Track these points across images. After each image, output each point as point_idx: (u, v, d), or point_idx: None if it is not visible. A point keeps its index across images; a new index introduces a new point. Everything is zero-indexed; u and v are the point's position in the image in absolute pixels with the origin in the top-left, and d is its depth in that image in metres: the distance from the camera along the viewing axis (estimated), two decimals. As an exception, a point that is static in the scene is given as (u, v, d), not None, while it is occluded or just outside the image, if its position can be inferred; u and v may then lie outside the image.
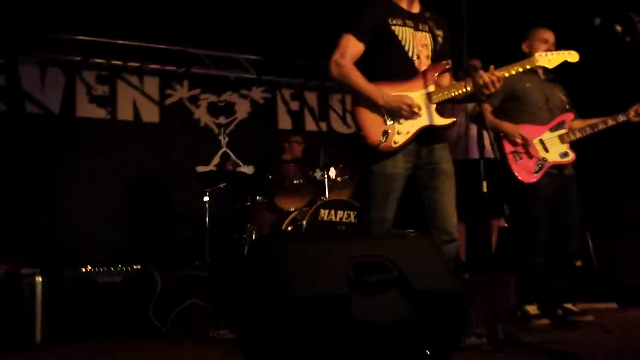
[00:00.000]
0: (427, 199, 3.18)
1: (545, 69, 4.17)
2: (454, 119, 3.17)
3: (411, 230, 3.22)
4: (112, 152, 6.62)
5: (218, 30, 6.62)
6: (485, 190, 2.81)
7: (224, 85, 7.39)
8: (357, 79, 3.13)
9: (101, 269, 4.46)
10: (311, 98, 7.85)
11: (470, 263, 5.20)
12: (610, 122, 4.14)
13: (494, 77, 3.13)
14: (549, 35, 4.20)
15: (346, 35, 3.18)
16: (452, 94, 3.15)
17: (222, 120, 7.38)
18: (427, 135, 3.16)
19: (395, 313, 2.09)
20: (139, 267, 4.61)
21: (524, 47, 4.19)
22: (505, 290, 4.62)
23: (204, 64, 7.13)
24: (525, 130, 4.09)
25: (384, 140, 3.08)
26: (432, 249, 2.25)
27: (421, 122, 3.14)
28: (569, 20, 5.03)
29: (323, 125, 7.91)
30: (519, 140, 4.04)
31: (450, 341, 2.21)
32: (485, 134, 2.96)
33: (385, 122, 3.12)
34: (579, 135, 4.15)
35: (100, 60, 6.69)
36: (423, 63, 3.21)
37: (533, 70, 4.13)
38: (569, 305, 4.15)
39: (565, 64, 3.53)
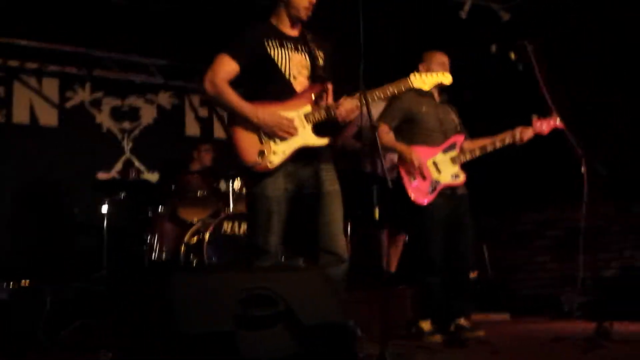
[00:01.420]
0: (313, 221, 3.18)
1: (440, 91, 4.30)
2: (329, 138, 3.20)
3: (301, 260, 3.22)
4: (5, 157, 6.30)
5: (124, 33, 6.41)
6: (376, 217, 2.84)
7: (128, 89, 7.17)
8: (231, 97, 3.12)
9: (-14, 286, 4.22)
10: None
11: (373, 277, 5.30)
12: (498, 144, 4.31)
13: (350, 106, 3.16)
14: (445, 58, 4.32)
15: (221, 55, 3.17)
16: (329, 115, 3.18)
17: (126, 125, 7.17)
18: (308, 156, 3.18)
19: (283, 349, 2.08)
20: (26, 282, 4.39)
21: (421, 69, 4.28)
22: (402, 303, 4.72)
23: (108, 66, 6.89)
24: (418, 151, 4.19)
25: (260, 160, 3.08)
26: (321, 281, 2.25)
27: (297, 141, 3.15)
28: (467, 46, 5.21)
29: (232, 133, 7.80)
30: (412, 161, 4.13)
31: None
32: (380, 159, 2.99)
33: (261, 141, 3.12)
34: (469, 157, 4.30)
35: (-4, 60, 6.35)
36: (301, 84, 3.24)
37: (429, 93, 4.25)
38: (461, 322, 4.27)
39: (455, 85, 3.64)
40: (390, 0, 5.41)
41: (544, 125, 4.33)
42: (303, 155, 3.15)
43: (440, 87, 4.20)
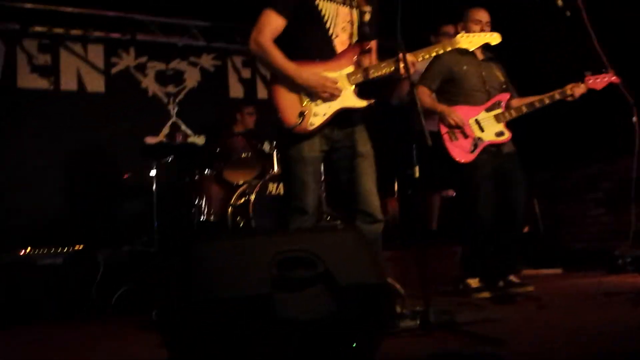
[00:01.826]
0: (345, 182, 3.16)
1: (483, 48, 4.16)
2: (372, 101, 3.11)
3: (338, 222, 3.19)
4: (55, 124, 6.44)
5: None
6: (417, 175, 2.79)
7: (172, 52, 7.21)
8: (276, 56, 3.03)
9: (41, 251, 4.36)
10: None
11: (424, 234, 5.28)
12: (547, 101, 4.17)
13: (412, 59, 3.06)
14: (483, 15, 4.19)
15: (266, 11, 3.07)
16: (372, 76, 3.09)
17: (171, 89, 7.23)
18: (344, 117, 3.11)
19: (321, 310, 2.07)
20: (80, 247, 4.53)
21: (459, 29, 4.18)
22: (449, 261, 4.68)
23: (151, 30, 6.94)
24: (460, 111, 4.12)
25: (299, 121, 3.01)
26: (358, 242, 2.23)
27: (338, 103, 3.08)
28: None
29: (276, 93, 7.76)
30: (452, 121, 4.05)
31: (376, 334, 2.21)
32: (420, 117, 2.91)
33: (301, 102, 3.05)
34: (515, 114, 4.18)
35: (42, 29, 6.46)
36: (343, 42, 3.14)
37: (470, 52, 4.13)
38: (511, 277, 4.22)
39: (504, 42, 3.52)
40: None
41: (598, 81, 4.16)
42: (339, 116, 3.09)
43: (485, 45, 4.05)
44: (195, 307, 1.97)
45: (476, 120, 4.14)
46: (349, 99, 3.08)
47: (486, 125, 4.14)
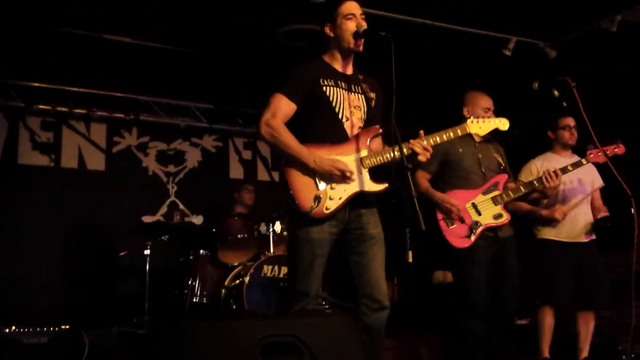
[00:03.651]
0: (354, 265, 3.09)
1: None
2: (386, 185, 3.10)
3: (326, 307, 3.11)
4: (54, 200, 6.46)
5: (168, 78, 6.56)
6: (410, 260, 2.73)
7: (174, 133, 7.29)
8: (289, 140, 3.03)
9: (27, 330, 4.24)
10: (264, 147, 7.76)
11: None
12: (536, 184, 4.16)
13: (425, 144, 3.08)
14: (488, 102, 4.22)
15: (277, 95, 3.09)
16: (385, 159, 3.09)
17: (172, 168, 7.27)
18: (356, 200, 3.08)
19: (305, 399, 1.98)
20: (67, 327, 4.40)
21: (465, 113, 4.20)
22: (434, 350, 4.55)
23: (154, 111, 7.03)
24: (456, 195, 4.08)
25: (315, 205, 2.98)
26: (347, 328, 2.15)
27: (354, 187, 3.06)
28: (508, 82, 5.11)
29: (276, 175, 7.80)
30: (449, 208, 4.02)
31: None
32: (413, 201, 2.88)
33: (317, 186, 3.03)
34: (512, 195, 4.14)
35: (46, 107, 6.54)
36: (355, 125, 3.15)
37: (467, 134, 4.15)
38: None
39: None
40: (430, 36, 5.37)
41: (600, 154, 4.20)
42: (353, 199, 3.06)
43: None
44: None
45: (473, 204, 4.10)
46: (364, 182, 3.07)
47: (483, 209, 4.09)
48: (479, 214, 4.08)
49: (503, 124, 3.53)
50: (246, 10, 5.15)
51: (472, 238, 4.02)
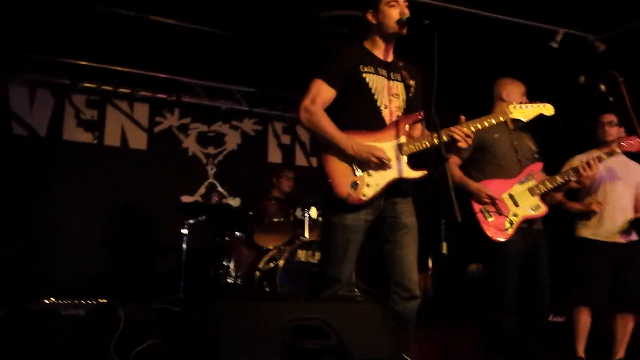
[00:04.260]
0: (387, 253, 3.07)
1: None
2: (425, 172, 3.07)
3: (358, 294, 3.11)
4: (96, 177, 6.58)
5: (211, 61, 6.60)
6: (444, 251, 2.71)
7: (215, 115, 7.36)
8: (328, 126, 3.03)
9: (65, 302, 4.35)
10: (303, 132, 7.79)
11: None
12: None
13: (466, 130, 3.05)
14: (525, 90, 4.12)
15: (317, 81, 3.08)
16: (424, 146, 3.07)
17: (211, 150, 7.34)
18: (392, 188, 3.06)
19: (331, 383, 1.99)
20: (104, 300, 4.50)
21: (504, 97, 4.08)
22: (463, 343, 4.50)
23: (196, 93, 7.10)
24: (493, 186, 3.97)
25: (352, 192, 2.98)
26: (377, 316, 2.15)
27: (391, 174, 3.04)
28: (554, 75, 5.00)
29: (314, 161, 7.83)
30: (486, 200, 3.92)
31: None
32: (450, 191, 2.85)
33: (354, 172, 3.02)
34: (549, 186, 4.03)
35: (91, 85, 6.66)
36: (393, 113, 3.13)
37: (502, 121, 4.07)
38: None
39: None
40: (475, 25, 5.29)
41: (632, 142, 4.12)
42: (390, 187, 3.04)
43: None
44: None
45: (510, 195, 3.99)
46: (402, 169, 3.05)
47: (521, 200, 3.99)
48: (517, 205, 3.97)
49: (548, 109, 3.43)
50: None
51: (510, 231, 3.93)
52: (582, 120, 4.53)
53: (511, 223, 3.94)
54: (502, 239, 3.91)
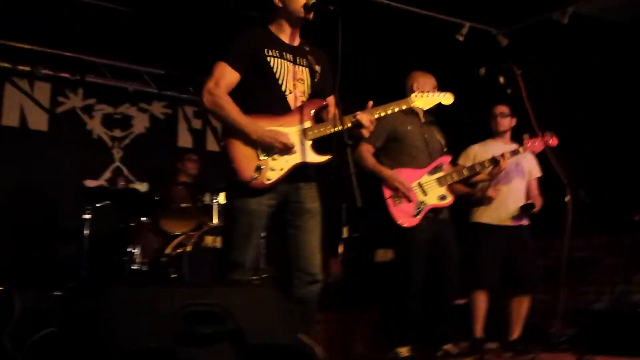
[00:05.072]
0: (290, 238, 3.09)
1: (425, 111, 4.22)
2: (328, 156, 3.09)
3: (255, 278, 3.11)
4: (-8, 159, 6.24)
5: (119, 40, 6.39)
6: (344, 235, 2.75)
7: (122, 97, 7.12)
8: (231, 110, 3.00)
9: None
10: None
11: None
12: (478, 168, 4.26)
13: (370, 117, 3.08)
14: (434, 81, 4.26)
15: (221, 64, 3.05)
16: (328, 131, 3.08)
17: (117, 133, 7.12)
18: (297, 172, 3.07)
19: (226, 367, 1.98)
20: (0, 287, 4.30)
21: (414, 88, 4.18)
22: (365, 326, 4.61)
23: (102, 73, 6.85)
24: (403, 174, 4.11)
25: (256, 176, 2.97)
26: (272, 299, 2.16)
27: (295, 159, 3.05)
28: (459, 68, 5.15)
29: (225, 146, 7.71)
30: (398, 186, 4.04)
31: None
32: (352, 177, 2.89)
33: (258, 157, 3.01)
34: (456, 178, 4.21)
35: (-13, 62, 6.31)
36: (297, 98, 3.13)
37: (414, 112, 4.19)
38: (448, 347, 4.17)
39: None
40: (381, 14, 5.37)
41: (536, 144, 4.32)
42: (294, 171, 3.04)
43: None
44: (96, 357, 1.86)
45: (419, 183, 4.14)
46: (306, 154, 3.06)
47: (429, 189, 4.14)
48: (425, 194, 4.12)
49: (447, 99, 3.54)
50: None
51: (418, 218, 4.07)
52: (482, 113, 4.69)
53: (419, 210, 4.07)
54: (409, 224, 4.04)
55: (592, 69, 5.41)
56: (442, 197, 4.17)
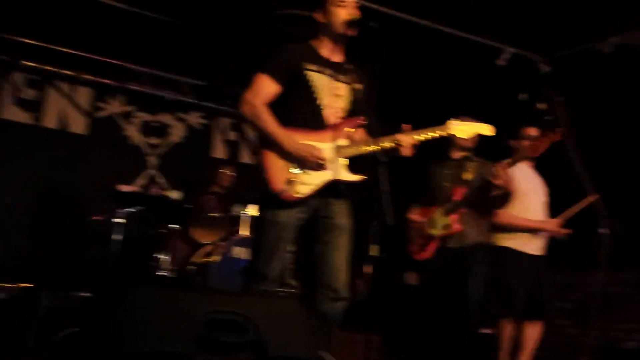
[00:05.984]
0: (317, 253, 3.07)
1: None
2: (362, 177, 3.07)
3: (281, 290, 3.09)
4: (31, 159, 6.35)
5: (160, 50, 6.47)
6: (374, 254, 2.71)
7: (160, 105, 7.21)
8: (268, 121, 3.02)
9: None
10: (250, 130, 7.71)
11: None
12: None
13: (411, 140, 3.04)
14: None
15: (261, 76, 3.07)
16: (364, 151, 3.06)
17: (154, 140, 7.20)
18: (329, 188, 3.06)
19: (245, 378, 1.96)
20: (27, 285, 4.36)
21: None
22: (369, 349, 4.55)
23: (142, 81, 6.94)
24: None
25: (286, 188, 2.96)
26: (296, 313, 2.13)
27: (328, 175, 3.04)
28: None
29: (259, 159, 7.73)
30: None
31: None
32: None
33: (290, 169, 3.01)
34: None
35: (32, 64, 6.43)
36: (334, 114, 3.12)
37: None
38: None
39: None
40: (424, 36, 5.34)
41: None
42: (326, 187, 3.03)
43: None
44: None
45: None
46: (339, 171, 3.05)
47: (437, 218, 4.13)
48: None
49: (485, 129, 3.41)
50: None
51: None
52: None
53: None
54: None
55: (635, 100, 5.31)
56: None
